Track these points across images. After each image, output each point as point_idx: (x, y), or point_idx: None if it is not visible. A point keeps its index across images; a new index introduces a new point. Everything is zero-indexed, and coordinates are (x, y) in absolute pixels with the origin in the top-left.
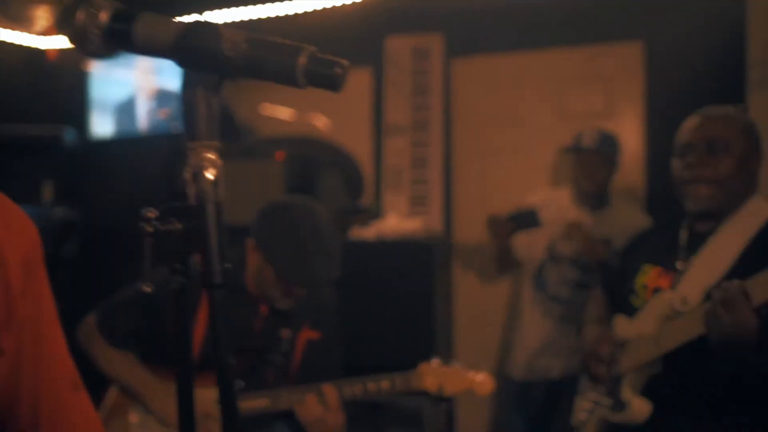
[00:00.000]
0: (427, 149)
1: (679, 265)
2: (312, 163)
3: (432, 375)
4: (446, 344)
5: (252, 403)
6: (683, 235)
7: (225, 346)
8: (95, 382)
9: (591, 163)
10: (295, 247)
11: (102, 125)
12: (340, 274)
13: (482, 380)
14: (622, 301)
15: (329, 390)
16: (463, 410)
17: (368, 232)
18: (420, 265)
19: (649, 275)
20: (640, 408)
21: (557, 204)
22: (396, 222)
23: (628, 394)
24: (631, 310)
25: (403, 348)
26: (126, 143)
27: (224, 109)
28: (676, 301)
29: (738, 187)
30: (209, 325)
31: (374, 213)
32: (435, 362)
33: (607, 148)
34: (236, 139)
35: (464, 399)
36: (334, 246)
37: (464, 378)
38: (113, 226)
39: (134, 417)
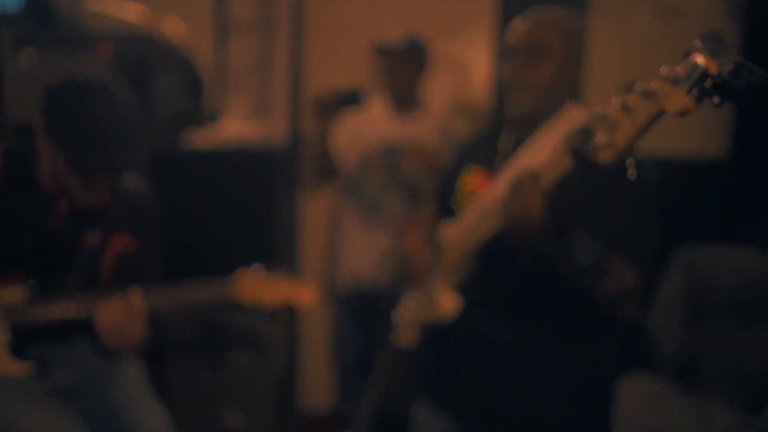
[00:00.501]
0: (273, 51)
1: (498, 168)
2: (144, 62)
3: (249, 283)
4: (290, 261)
5: (45, 310)
6: (504, 140)
7: None
8: None
9: (397, 64)
10: (87, 129)
11: None
12: (144, 162)
13: (304, 291)
14: (447, 207)
15: (134, 294)
16: (308, 330)
17: (204, 138)
18: (260, 174)
19: (470, 178)
20: (447, 303)
21: (370, 110)
22: (234, 127)
23: (439, 290)
24: (452, 214)
25: (241, 264)
26: None
27: None
28: (487, 198)
29: (558, 93)
30: None
31: (213, 117)
32: (255, 268)
33: (415, 49)
34: (50, 25)
35: (308, 319)
36: (133, 128)
37: (284, 288)
38: None
39: None
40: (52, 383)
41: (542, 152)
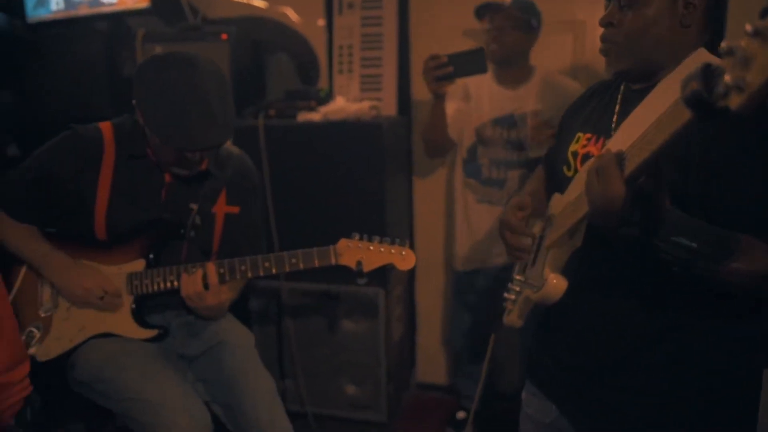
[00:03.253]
0: (380, 27)
1: (611, 132)
2: (261, 44)
3: (351, 249)
4: (405, 230)
5: (161, 279)
6: (616, 99)
7: None
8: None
9: (503, 25)
10: (170, 107)
11: (38, 6)
12: (230, 136)
13: (404, 254)
14: (557, 175)
15: (210, 268)
16: (425, 304)
17: (315, 116)
18: (369, 145)
19: (580, 142)
20: (554, 284)
21: (482, 84)
22: (342, 104)
23: (546, 270)
24: (565, 183)
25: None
26: (64, 24)
27: None
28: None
29: (669, 42)
30: None
31: (325, 97)
32: (355, 236)
33: (522, 8)
34: (181, 20)
35: (422, 290)
36: (220, 105)
37: (384, 252)
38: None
39: (45, 294)
40: (171, 349)
41: (657, 111)
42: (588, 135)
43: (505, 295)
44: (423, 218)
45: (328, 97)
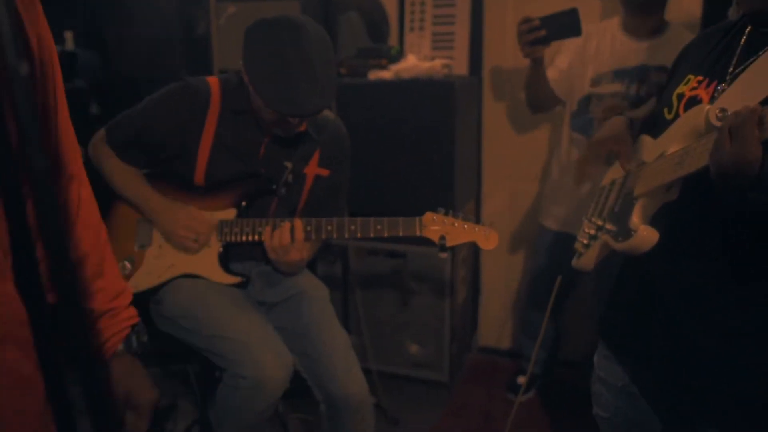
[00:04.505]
0: None
1: (728, 76)
2: (331, 3)
3: (436, 224)
4: (472, 192)
5: (249, 230)
6: (738, 41)
7: None
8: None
9: None
10: (277, 71)
11: None
12: (332, 101)
13: (487, 234)
14: (657, 119)
15: (297, 224)
16: (490, 271)
17: (386, 74)
18: (440, 104)
19: (689, 84)
20: (647, 236)
21: (605, 34)
22: (414, 62)
23: (637, 220)
24: (662, 126)
25: (422, 194)
26: None
27: None
28: (712, 113)
29: None
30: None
31: (396, 55)
32: (441, 211)
33: None
34: None
35: (487, 254)
36: (325, 71)
37: (468, 230)
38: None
39: (141, 230)
40: (253, 297)
41: None
42: (699, 77)
43: (581, 236)
44: (491, 181)
45: (399, 55)
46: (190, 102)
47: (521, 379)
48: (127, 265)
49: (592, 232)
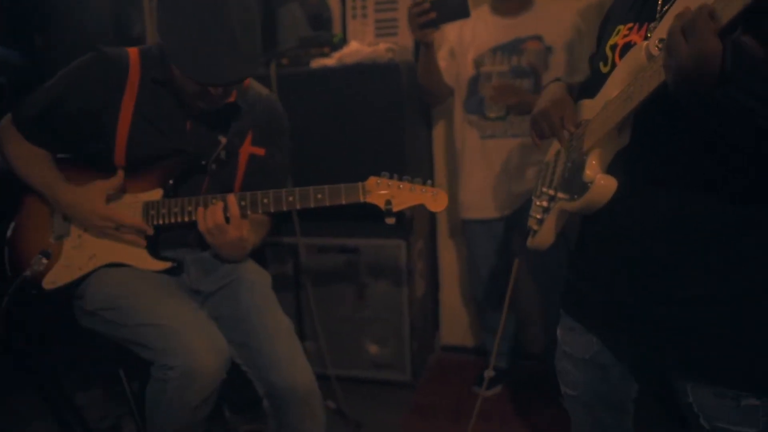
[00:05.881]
0: None
1: (657, 15)
2: None
3: (380, 187)
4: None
5: (178, 211)
6: None
7: None
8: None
9: None
10: (193, 38)
11: None
12: (256, 71)
13: (435, 195)
14: (591, 80)
15: (231, 199)
16: (445, 259)
17: (329, 62)
18: (387, 88)
19: (620, 34)
20: (605, 184)
21: (477, 21)
22: (357, 47)
23: (590, 172)
24: (601, 81)
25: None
26: None
27: None
28: (651, 45)
29: None
30: None
31: (339, 43)
32: (385, 175)
33: None
34: None
35: (445, 246)
36: (246, 35)
37: (415, 192)
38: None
39: (57, 220)
40: (187, 286)
41: None
42: (630, 24)
43: (532, 214)
44: (444, 167)
45: (342, 42)
46: (106, 71)
47: (489, 374)
48: (43, 260)
49: (545, 204)
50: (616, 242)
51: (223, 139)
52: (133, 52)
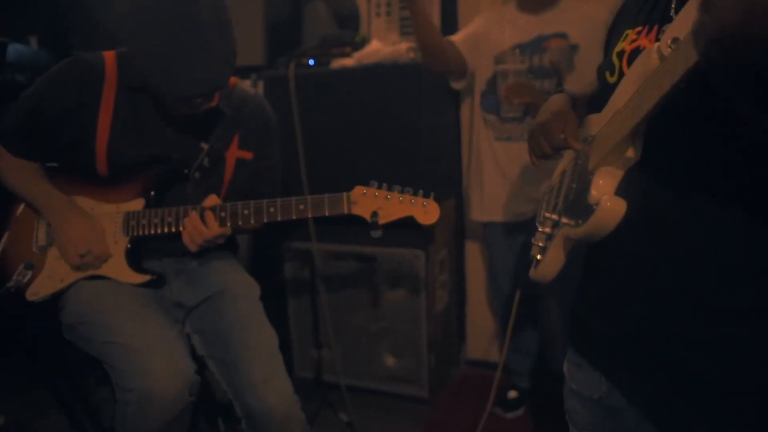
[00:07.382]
0: None
1: (670, 13)
2: None
3: (367, 198)
4: (453, 188)
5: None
6: None
7: None
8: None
9: None
10: (165, 51)
11: None
12: (227, 78)
13: (426, 207)
14: (598, 92)
15: (209, 214)
16: (473, 269)
17: (349, 62)
18: (407, 88)
19: (628, 39)
20: (612, 206)
21: (502, 18)
22: (377, 47)
23: (596, 192)
24: (609, 92)
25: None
26: None
27: None
28: (663, 45)
29: None
30: None
31: (361, 43)
32: (373, 184)
33: None
34: None
35: (473, 255)
36: (220, 38)
37: (404, 203)
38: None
39: (41, 231)
40: (167, 298)
41: None
42: (638, 28)
43: (535, 243)
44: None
45: (365, 42)
46: (81, 77)
47: (512, 394)
48: (26, 272)
49: (548, 230)
50: (626, 271)
51: (205, 146)
52: (109, 57)
